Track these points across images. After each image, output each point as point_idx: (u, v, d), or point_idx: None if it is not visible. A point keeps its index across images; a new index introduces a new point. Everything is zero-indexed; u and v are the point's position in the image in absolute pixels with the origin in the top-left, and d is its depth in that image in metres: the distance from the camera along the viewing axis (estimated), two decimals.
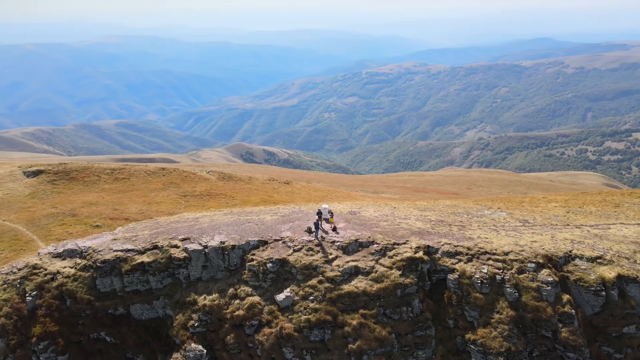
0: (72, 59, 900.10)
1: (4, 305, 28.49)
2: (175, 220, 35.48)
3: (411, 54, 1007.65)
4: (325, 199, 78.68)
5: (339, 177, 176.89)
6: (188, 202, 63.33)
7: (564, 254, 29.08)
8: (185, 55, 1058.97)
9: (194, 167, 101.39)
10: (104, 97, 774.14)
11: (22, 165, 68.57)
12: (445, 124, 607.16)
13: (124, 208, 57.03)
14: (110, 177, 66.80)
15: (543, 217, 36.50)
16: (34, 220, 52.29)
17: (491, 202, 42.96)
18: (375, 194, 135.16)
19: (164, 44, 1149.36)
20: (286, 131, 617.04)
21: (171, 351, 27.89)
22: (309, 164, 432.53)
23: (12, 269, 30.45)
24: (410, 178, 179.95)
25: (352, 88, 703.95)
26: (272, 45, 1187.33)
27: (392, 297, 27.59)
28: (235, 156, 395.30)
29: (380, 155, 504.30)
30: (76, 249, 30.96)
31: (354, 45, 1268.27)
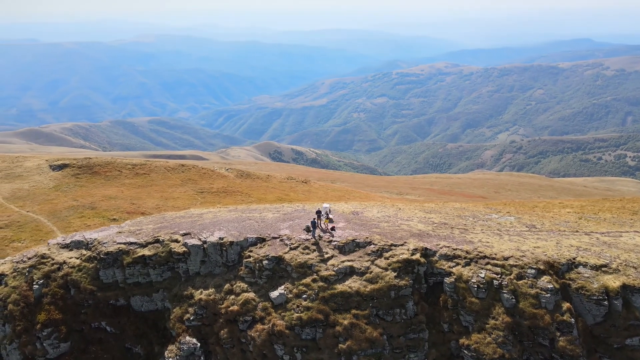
0: (110, 57, 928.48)
1: (13, 292, 29.79)
2: (181, 215, 36.26)
3: (443, 54, 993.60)
4: (342, 199, 78.64)
5: (364, 178, 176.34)
6: (204, 199, 64.50)
7: (567, 261, 28.22)
8: (218, 54, 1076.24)
9: (213, 164, 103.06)
10: (139, 94, 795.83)
11: (49, 159, 71.33)
12: (477, 126, 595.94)
13: (141, 203, 58.58)
14: (131, 172, 68.70)
15: (552, 222, 35.47)
16: (55, 212, 54.37)
17: (502, 206, 42.04)
18: (399, 195, 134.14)
19: (198, 43, 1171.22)
20: (315, 131, 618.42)
21: (167, 343, 28.55)
22: (337, 163, 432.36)
23: (23, 257, 31.79)
24: (437, 180, 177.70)
25: (381, 88, 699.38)
26: (303, 44, 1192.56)
27: (385, 298, 27.42)
28: (264, 155, 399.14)
29: (409, 157, 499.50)
30: (83, 240, 32.06)
31: (385, 45, 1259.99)
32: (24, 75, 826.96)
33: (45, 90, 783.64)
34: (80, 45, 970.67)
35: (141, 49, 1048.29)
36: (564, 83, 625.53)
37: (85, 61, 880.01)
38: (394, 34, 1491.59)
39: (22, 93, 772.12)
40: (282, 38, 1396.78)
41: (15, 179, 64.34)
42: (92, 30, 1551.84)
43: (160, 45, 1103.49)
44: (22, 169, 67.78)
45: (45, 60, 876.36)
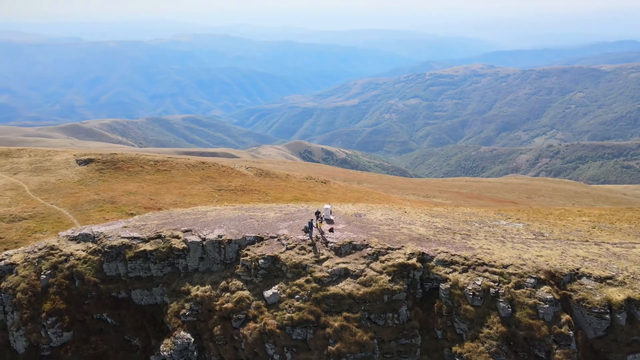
0: (149, 56, 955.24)
1: (22, 281, 31.12)
2: (187, 212, 36.97)
3: (479, 55, 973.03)
4: (360, 200, 78.25)
5: (392, 180, 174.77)
6: (221, 196, 65.46)
7: (570, 271, 27.21)
8: (253, 54, 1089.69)
9: (234, 162, 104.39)
10: (175, 92, 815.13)
11: (77, 154, 74.03)
12: (512, 130, 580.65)
13: (159, 198, 60.02)
14: (153, 168, 70.48)
15: (562, 231, 34.25)
16: (77, 205, 56.37)
17: (514, 213, 40.88)
18: (426, 198, 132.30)
19: (233, 43, 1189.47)
20: (345, 131, 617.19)
21: (164, 337, 29.17)
22: (367, 164, 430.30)
23: (34, 248, 33.15)
24: (467, 184, 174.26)
25: (414, 89, 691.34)
26: (336, 44, 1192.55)
27: (378, 302, 27.16)
28: (294, 154, 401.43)
29: (441, 159, 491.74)
30: (90, 233, 33.16)
31: (419, 45, 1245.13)
32: (68, 72, 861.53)
33: (87, 87, 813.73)
34: (121, 44, 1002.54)
35: (178, 48, 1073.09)
36: (606, 86, 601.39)
37: (125, 59, 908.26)
38: (429, 34, 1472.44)
39: (66, 90, 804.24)
40: (316, 38, 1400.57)
41: (44, 172, 67.10)
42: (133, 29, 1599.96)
43: (197, 45, 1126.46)
44: (50, 162, 70.62)
45: (88, 58, 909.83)
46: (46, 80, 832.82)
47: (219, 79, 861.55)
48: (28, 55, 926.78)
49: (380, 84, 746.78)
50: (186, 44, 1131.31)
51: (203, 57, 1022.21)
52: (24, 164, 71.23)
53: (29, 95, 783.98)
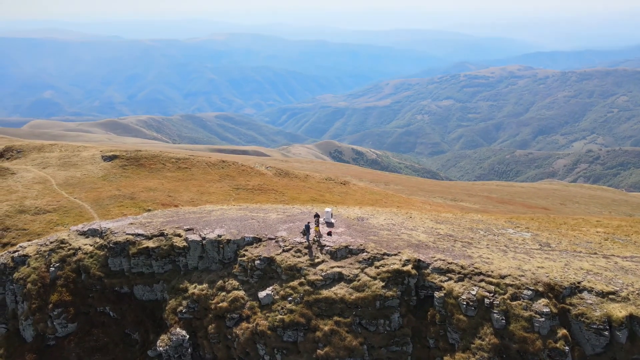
0: (184, 54, 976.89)
1: (33, 272, 32.52)
2: (194, 211, 37.72)
3: (517, 56, 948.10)
4: (378, 202, 77.78)
5: (420, 182, 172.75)
6: (238, 195, 66.36)
7: (570, 284, 26.33)
8: (285, 53, 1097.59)
9: (254, 162, 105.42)
10: (208, 90, 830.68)
11: (103, 150, 76.56)
12: (549, 133, 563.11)
13: (177, 195, 61.38)
14: (174, 165, 72.13)
15: (571, 242, 33.13)
16: (98, 200, 58.31)
17: (525, 221, 39.77)
18: (453, 201, 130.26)
19: (266, 42, 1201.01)
20: (376, 131, 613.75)
21: (162, 332, 29.89)
22: (397, 165, 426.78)
23: (46, 241, 34.58)
24: (498, 188, 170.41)
25: (448, 90, 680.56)
26: (370, 44, 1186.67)
27: (370, 307, 27.02)
28: (324, 153, 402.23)
29: (473, 162, 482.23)
30: (98, 229, 34.31)
31: (454, 46, 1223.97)
32: (108, 69, 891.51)
33: (125, 84, 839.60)
34: (159, 42, 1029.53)
35: (213, 47, 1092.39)
36: None
37: (162, 58, 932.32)
38: (464, 34, 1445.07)
39: (105, 86, 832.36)
40: (350, 37, 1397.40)
41: (71, 167, 69.73)
42: (170, 28, 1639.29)
43: (231, 43, 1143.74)
44: (78, 158, 73.32)
45: (127, 56, 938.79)
46: (87, 77, 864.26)
47: (251, 78, 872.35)
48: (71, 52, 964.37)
49: (413, 85, 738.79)
50: (221, 42, 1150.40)
51: (237, 56, 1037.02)
52: (53, 158, 74.24)
53: (71, 91, 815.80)
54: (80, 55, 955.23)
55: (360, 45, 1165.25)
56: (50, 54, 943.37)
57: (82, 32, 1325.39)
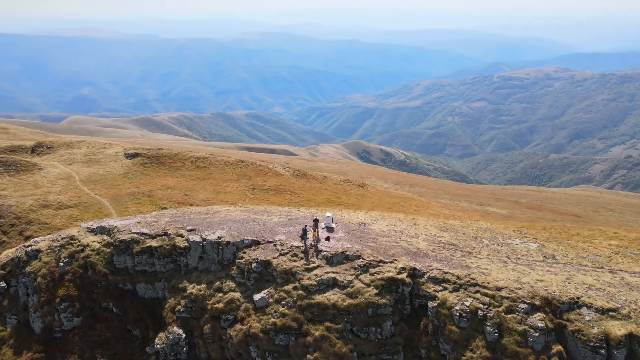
0: (216, 53, 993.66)
1: (43, 267, 33.85)
2: (199, 211, 38.41)
3: (553, 58, 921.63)
4: (395, 206, 77.20)
5: (446, 185, 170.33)
6: (254, 195, 67.11)
7: (569, 299, 25.56)
8: (316, 52, 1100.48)
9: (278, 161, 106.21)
10: (239, 88, 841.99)
11: (126, 148, 78.76)
12: (586, 137, 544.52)
13: (193, 194, 62.57)
14: (193, 164, 73.52)
15: (578, 255, 32.07)
16: (118, 197, 60.06)
17: (535, 231, 38.70)
18: (480, 206, 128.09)
19: (298, 41, 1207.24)
20: (406, 132, 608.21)
21: (160, 330, 30.62)
22: (426, 167, 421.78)
23: (58, 237, 35.91)
24: (528, 193, 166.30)
25: (480, 92, 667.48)
26: (402, 44, 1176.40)
27: (362, 314, 26.94)
28: (352, 153, 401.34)
29: (505, 166, 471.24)
30: (106, 226, 35.40)
31: (488, 46, 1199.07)
32: (143, 67, 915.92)
33: (160, 82, 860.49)
34: (193, 41, 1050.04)
35: (244, 46, 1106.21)
36: None
37: (195, 56, 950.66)
38: (499, 34, 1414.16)
39: (140, 84, 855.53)
40: (382, 37, 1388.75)
41: (94, 164, 72.07)
42: (204, 27, 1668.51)
43: (262, 43, 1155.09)
44: (102, 155, 75.69)
45: (162, 54, 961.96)
46: (124, 74, 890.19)
47: (282, 77, 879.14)
48: (109, 51, 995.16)
49: (445, 86, 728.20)
50: (252, 42, 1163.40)
51: (268, 55, 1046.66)
52: (79, 155, 76.89)
53: (108, 88, 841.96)
54: (117, 53, 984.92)
55: (392, 45, 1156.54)
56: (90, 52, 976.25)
57: (120, 31, 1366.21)
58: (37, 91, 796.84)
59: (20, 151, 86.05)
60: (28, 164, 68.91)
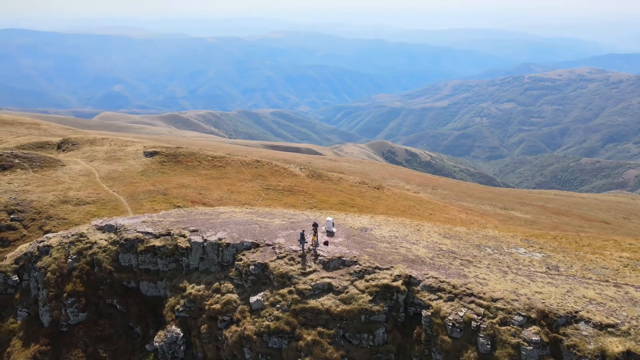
0: (243, 51, 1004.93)
1: (53, 262, 35.01)
2: (205, 212, 39.01)
3: (587, 58, 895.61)
4: (410, 209, 76.58)
5: (470, 187, 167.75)
6: (267, 195, 67.64)
7: (566, 313, 24.94)
8: (342, 51, 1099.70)
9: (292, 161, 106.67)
10: (265, 87, 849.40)
11: (146, 146, 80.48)
12: (620, 141, 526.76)
13: (207, 193, 63.49)
14: (209, 164, 74.58)
15: (584, 267, 31.20)
16: (134, 194, 61.45)
17: (545, 241, 37.81)
18: (503, 210, 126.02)
19: (324, 40, 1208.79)
20: (432, 133, 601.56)
21: (160, 328, 31.28)
22: (451, 169, 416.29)
23: (68, 234, 37.08)
24: (555, 197, 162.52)
25: (510, 93, 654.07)
26: (428, 44, 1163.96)
27: (355, 321, 26.92)
28: (377, 153, 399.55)
29: (534, 169, 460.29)
30: (114, 225, 36.35)
31: (519, 46, 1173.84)
32: (172, 65, 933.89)
33: (187, 79, 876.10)
34: (220, 40, 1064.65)
35: (271, 45, 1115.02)
36: None
37: (222, 55, 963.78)
38: (530, 34, 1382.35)
39: (169, 82, 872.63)
40: (408, 37, 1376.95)
41: (115, 161, 73.92)
42: (232, 26, 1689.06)
43: (289, 42, 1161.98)
44: (122, 153, 77.58)
45: (190, 52, 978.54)
46: (153, 72, 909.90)
47: (307, 76, 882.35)
48: (139, 49, 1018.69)
49: (473, 86, 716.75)
50: (279, 40, 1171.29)
51: (294, 54, 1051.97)
52: (101, 152, 78.99)
53: (138, 85, 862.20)
54: (147, 51, 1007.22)
55: (419, 45, 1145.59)
56: (121, 50, 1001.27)
57: (150, 30, 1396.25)
58: (70, 88, 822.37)
59: (47, 147, 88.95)
60: (52, 160, 71.19)
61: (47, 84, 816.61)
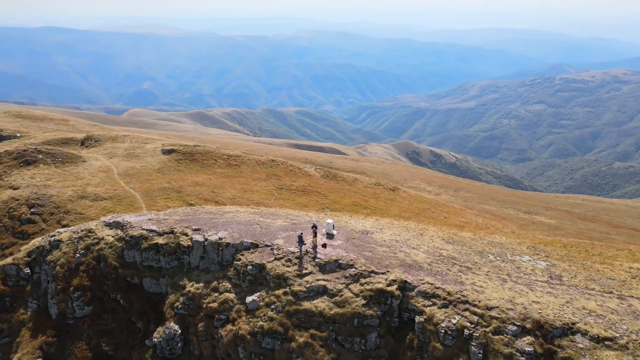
0: (270, 50, 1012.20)
1: (62, 256, 36.12)
2: (210, 211, 39.55)
3: (623, 60, 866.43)
4: (424, 212, 75.77)
5: (494, 190, 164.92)
6: (280, 195, 68.04)
7: (563, 324, 24.31)
8: (369, 51, 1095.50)
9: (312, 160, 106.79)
10: (291, 85, 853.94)
11: (164, 144, 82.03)
12: None
13: (220, 192, 64.31)
14: (225, 162, 75.48)
15: (588, 277, 30.29)
16: (149, 191, 62.77)
17: (552, 248, 36.85)
18: (527, 214, 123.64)
19: (351, 39, 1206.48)
20: (458, 134, 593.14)
21: (160, 324, 31.92)
22: (477, 171, 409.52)
23: (78, 229, 38.18)
24: (583, 203, 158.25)
25: (540, 94, 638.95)
26: (457, 44, 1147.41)
27: (347, 324, 26.88)
28: (401, 154, 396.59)
29: (563, 172, 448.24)
30: (121, 222, 37.24)
31: (551, 47, 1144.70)
32: (200, 63, 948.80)
33: (214, 77, 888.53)
34: (248, 38, 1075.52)
35: (298, 44, 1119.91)
36: None
37: (250, 53, 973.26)
38: (563, 34, 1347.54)
39: (197, 79, 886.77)
40: (436, 36, 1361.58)
41: (133, 158, 75.61)
42: (260, 25, 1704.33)
43: (316, 41, 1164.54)
44: (141, 150, 79.28)
45: (218, 51, 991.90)
46: (181, 70, 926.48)
47: (333, 75, 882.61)
48: (169, 47, 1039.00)
49: (501, 87, 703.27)
50: (306, 39, 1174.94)
51: (321, 53, 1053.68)
52: (121, 149, 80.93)
53: (167, 83, 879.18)
54: (176, 49, 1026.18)
55: (447, 45, 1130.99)
56: (151, 48, 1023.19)
57: (180, 28, 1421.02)
58: (103, 84, 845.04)
59: (72, 143, 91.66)
60: (73, 156, 73.36)
61: (81, 80, 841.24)
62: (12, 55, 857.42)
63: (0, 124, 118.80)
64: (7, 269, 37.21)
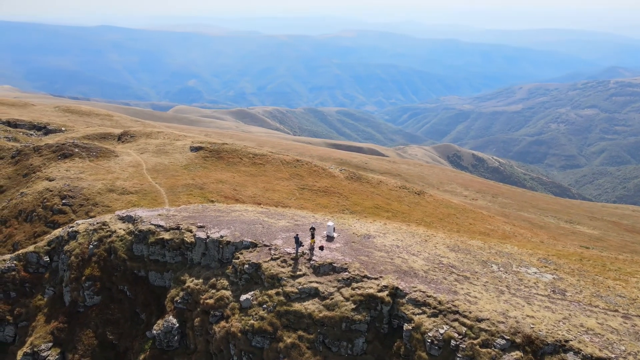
0: (313, 49, 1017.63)
1: (78, 247, 37.89)
2: (218, 209, 40.37)
3: None
4: (448, 217, 74.16)
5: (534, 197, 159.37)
6: (301, 195, 68.42)
7: (555, 341, 23.33)
8: (413, 51, 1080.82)
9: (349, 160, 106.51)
10: (332, 85, 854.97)
11: (193, 141, 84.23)
12: None
13: (242, 190, 65.40)
14: (250, 161, 76.67)
15: (595, 293, 28.82)
16: (174, 187, 64.66)
17: (564, 261, 35.26)
18: (569, 224, 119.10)
19: (395, 39, 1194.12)
20: (502, 138, 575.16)
21: (161, 317, 32.92)
22: (521, 177, 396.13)
23: (94, 221, 39.93)
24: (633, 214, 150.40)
25: (592, 98, 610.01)
26: (504, 44, 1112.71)
27: (335, 328, 26.83)
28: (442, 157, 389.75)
29: (616, 181, 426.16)
30: (132, 216, 38.65)
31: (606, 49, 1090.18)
32: (244, 62, 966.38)
33: (257, 76, 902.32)
34: (292, 37, 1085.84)
35: (341, 43, 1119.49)
36: None
37: (293, 52, 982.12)
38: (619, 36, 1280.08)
39: (240, 78, 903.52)
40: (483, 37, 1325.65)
41: (162, 155, 78.10)
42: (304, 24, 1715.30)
43: (359, 40, 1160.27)
44: (171, 147, 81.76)
45: (262, 50, 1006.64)
46: (226, 68, 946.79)
47: (375, 75, 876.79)
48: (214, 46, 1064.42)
49: (551, 90, 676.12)
50: (350, 39, 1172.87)
51: (364, 53, 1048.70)
52: (153, 145, 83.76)
53: (211, 81, 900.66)
54: (222, 48, 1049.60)
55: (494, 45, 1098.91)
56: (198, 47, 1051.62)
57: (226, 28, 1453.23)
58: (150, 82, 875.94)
59: (109, 138, 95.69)
60: (107, 150, 76.62)
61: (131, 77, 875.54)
62: (69, 53, 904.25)
63: (49, 118, 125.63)
64: (28, 257, 39.40)
